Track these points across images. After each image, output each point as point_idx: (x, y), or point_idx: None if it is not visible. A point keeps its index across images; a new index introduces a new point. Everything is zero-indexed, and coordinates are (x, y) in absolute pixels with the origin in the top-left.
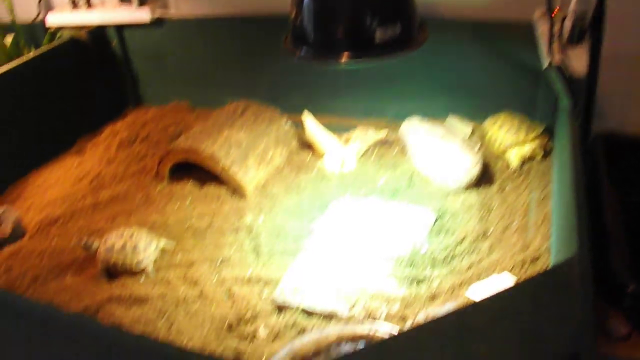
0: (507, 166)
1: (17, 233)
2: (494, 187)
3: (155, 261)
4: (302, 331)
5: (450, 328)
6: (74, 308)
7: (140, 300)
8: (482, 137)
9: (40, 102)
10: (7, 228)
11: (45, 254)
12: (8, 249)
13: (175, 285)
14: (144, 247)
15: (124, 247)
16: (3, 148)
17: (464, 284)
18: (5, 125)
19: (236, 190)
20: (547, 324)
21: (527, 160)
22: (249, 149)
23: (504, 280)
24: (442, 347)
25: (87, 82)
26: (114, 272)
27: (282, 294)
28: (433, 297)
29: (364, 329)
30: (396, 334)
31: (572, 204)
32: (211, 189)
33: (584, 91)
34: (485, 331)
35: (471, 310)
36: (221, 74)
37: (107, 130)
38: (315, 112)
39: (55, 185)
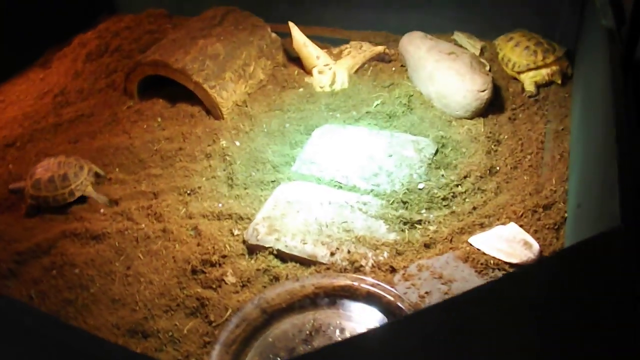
0: (521, 91)
1: None
2: (505, 116)
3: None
4: (274, 279)
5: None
6: (25, 245)
7: (96, 237)
8: (494, 57)
9: (3, 10)
10: None
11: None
12: None
13: (136, 220)
14: (74, 174)
15: (51, 179)
16: None
17: (465, 230)
18: None
19: (211, 109)
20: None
21: (543, 86)
22: (227, 62)
23: (510, 233)
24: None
25: None
26: (46, 207)
27: (254, 234)
28: (428, 245)
29: (345, 280)
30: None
31: (610, 149)
32: (183, 108)
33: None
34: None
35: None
36: None
37: (76, 41)
38: (304, 23)
39: (15, 102)
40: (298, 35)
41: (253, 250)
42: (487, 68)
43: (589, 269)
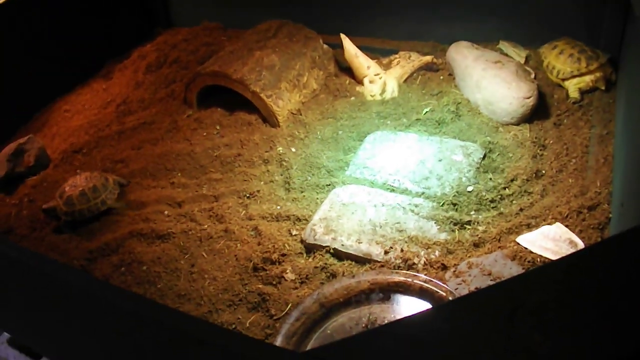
0: (565, 98)
1: (41, 163)
2: (550, 121)
3: (118, 194)
4: (331, 276)
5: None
6: (95, 244)
7: (162, 237)
8: (538, 65)
9: (65, 25)
10: (31, 158)
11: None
12: (32, 180)
13: (199, 221)
14: (102, 185)
15: (82, 193)
16: (28, 75)
17: (513, 230)
18: (30, 52)
19: (268, 118)
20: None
21: (587, 92)
22: (282, 72)
23: (556, 233)
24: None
25: (114, 3)
26: (82, 220)
27: (312, 234)
28: (477, 244)
29: (399, 277)
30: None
31: None
32: (241, 116)
33: None
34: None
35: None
36: None
37: (136, 53)
38: (354, 34)
39: (81, 111)
40: (349, 46)
41: (311, 249)
42: (532, 76)
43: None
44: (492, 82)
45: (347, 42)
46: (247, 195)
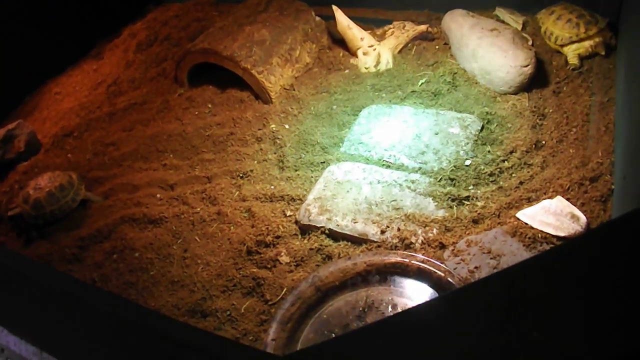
0: (565, 64)
1: (32, 148)
2: (549, 90)
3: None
4: (327, 257)
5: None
6: (86, 231)
7: (154, 221)
8: (536, 31)
9: (55, 5)
10: (21, 143)
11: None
12: (23, 166)
13: (191, 204)
14: (68, 182)
15: (50, 194)
16: (17, 58)
17: (513, 205)
18: (19, 33)
19: (260, 94)
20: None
21: (587, 58)
22: (274, 47)
23: (557, 207)
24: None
25: None
26: (53, 221)
27: (306, 214)
28: (477, 221)
29: (396, 257)
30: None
31: None
32: (233, 93)
33: None
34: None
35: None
36: None
37: (126, 32)
38: (347, 5)
39: (72, 93)
40: (342, 18)
41: (305, 230)
42: (530, 43)
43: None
44: (489, 50)
45: (339, 14)
46: (240, 175)
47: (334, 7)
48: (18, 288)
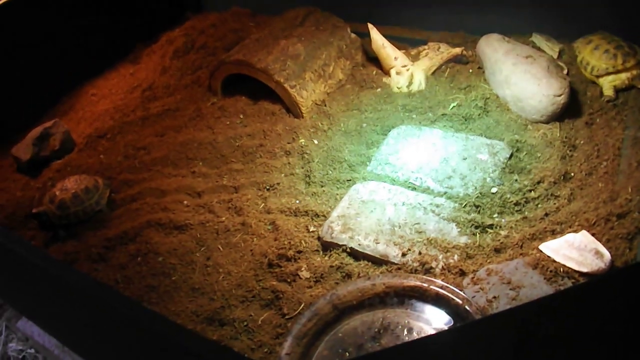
0: (599, 96)
1: (66, 147)
2: (581, 120)
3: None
4: (346, 276)
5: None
6: (113, 232)
7: (179, 227)
8: (572, 60)
9: (97, 9)
10: (56, 142)
11: (91, 171)
12: (56, 164)
13: (217, 213)
14: (94, 186)
15: (75, 195)
16: (57, 59)
17: (536, 237)
18: (60, 35)
19: (291, 108)
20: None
21: (622, 91)
22: (307, 62)
23: (581, 241)
24: None
25: None
26: (77, 222)
27: (329, 231)
28: (498, 250)
29: (415, 281)
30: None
31: None
32: (265, 105)
33: None
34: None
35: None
36: None
37: (164, 38)
38: (383, 23)
39: (107, 96)
40: (376, 37)
41: (327, 247)
42: (565, 71)
43: None
44: (522, 78)
45: (374, 32)
46: (267, 187)
47: (370, 25)
48: (42, 284)
